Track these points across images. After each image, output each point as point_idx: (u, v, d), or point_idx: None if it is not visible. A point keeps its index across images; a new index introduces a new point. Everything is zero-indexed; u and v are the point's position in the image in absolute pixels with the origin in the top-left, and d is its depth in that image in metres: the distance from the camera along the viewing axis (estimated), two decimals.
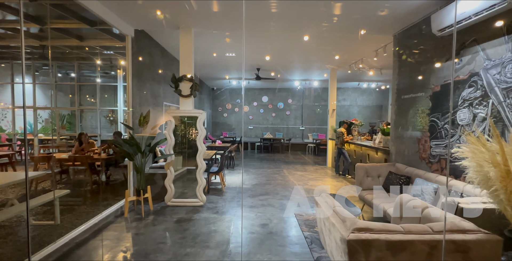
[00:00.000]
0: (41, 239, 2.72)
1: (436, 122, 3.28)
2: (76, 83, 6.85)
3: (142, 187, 3.60)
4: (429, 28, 3.23)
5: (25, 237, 2.77)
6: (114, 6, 3.32)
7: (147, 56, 4.65)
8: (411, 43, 3.83)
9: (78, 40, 5.07)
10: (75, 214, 3.40)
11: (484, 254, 1.39)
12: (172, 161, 3.92)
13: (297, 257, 2.47)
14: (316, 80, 9.60)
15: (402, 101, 4.02)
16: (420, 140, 3.56)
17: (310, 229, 3.08)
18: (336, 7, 3.28)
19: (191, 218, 3.41)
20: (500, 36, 2.44)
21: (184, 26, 3.98)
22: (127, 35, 3.92)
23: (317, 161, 8.26)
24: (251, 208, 3.83)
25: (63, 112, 8.45)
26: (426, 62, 3.48)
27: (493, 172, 1.40)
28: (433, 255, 1.39)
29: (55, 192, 3.00)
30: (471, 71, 2.76)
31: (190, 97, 4.04)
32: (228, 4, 3.25)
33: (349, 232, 1.45)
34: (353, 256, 1.41)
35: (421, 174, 3.20)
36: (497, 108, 2.46)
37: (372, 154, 5.04)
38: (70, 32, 4.78)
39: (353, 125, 6.73)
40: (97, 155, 4.81)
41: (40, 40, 5.28)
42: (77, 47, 5.67)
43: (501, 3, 2.28)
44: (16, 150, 5.86)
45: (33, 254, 2.28)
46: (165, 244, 2.70)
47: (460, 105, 2.89)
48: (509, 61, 2.36)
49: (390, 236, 1.43)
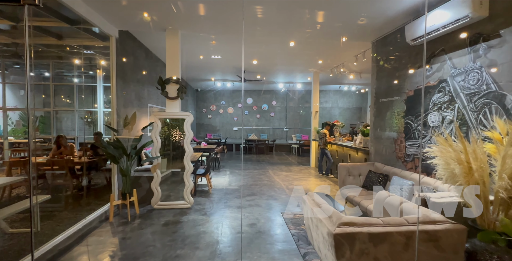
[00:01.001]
0: (20, 247, 2.61)
1: (410, 124, 3.55)
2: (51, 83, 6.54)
3: (128, 191, 3.54)
4: (404, 37, 3.50)
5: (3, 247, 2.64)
6: (98, 7, 3.26)
7: (131, 57, 4.58)
8: (387, 50, 4.11)
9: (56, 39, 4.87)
10: (55, 221, 3.27)
11: (452, 242, 1.58)
12: (159, 163, 3.89)
13: (285, 254, 2.57)
14: (300, 83, 9.87)
15: (380, 104, 4.29)
16: (396, 141, 3.82)
17: (296, 227, 3.21)
18: (319, 15, 3.46)
19: (179, 221, 3.40)
20: (464, 47, 2.73)
21: (170, 28, 3.98)
22: (111, 35, 3.84)
23: (301, 161, 8.48)
24: (239, 208, 3.90)
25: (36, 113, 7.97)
26: (401, 68, 3.76)
27: (458, 169, 1.59)
28: (409, 244, 1.55)
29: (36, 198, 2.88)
30: (440, 78, 3.04)
31: (177, 99, 4.03)
32: (215, 8, 3.31)
33: (335, 227, 1.58)
34: (339, 248, 1.54)
35: (398, 172, 3.45)
36: (462, 112, 2.74)
37: (353, 154, 5.30)
38: (48, 30, 4.59)
39: (335, 126, 7.01)
40: (77, 158, 4.63)
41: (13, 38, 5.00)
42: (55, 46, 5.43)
43: (464, 18, 2.55)
44: None
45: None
46: (154, 247, 2.69)
47: (431, 108, 3.16)
48: (471, 70, 2.64)
49: (371, 228, 1.57)
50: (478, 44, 2.56)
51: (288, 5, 3.17)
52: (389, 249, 1.54)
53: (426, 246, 1.54)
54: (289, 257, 2.50)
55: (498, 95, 2.36)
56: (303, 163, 8.14)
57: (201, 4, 3.21)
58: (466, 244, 1.69)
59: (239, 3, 3.13)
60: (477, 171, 1.61)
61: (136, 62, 4.84)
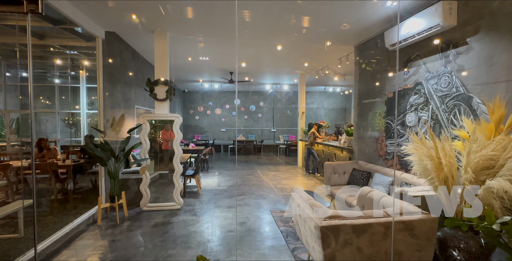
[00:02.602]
0: (4, 253, 2.54)
1: (390, 124, 3.78)
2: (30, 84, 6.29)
3: (116, 193, 3.51)
4: (383, 42, 3.73)
5: None
6: (85, 8, 3.23)
7: (117, 58, 4.53)
8: (369, 54, 4.34)
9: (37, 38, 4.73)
10: (40, 225, 3.18)
11: (425, 230, 1.74)
12: (148, 165, 3.88)
13: (274, 249, 2.67)
14: (287, 84, 10.07)
15: (363, 106, 4.51)
16: (378, 140, 4.04)
17: (285, 224, 3.32)
18: (305, 20, 3.61)
19: (170, 221, 3.42)
20: (436, 53, 2.96)
21: (159, 30, 3.99)
22: (97, 36, 3.80)
23: (288, 161, 8.65)
24: (228, 208, 3.96)
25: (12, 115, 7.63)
26: (381, 71, 3.99)
27: (430, 164, 1.76)
28: (387, 234, 1.70)
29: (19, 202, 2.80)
30: (416, 81, 3.27)
31: (165, 101, 4.04)
32: (203, 11, 3.37)
33: (322, 220, 1.70)
34: (326, 240, 1.66)
35: (379, 169, 3.65)
36: (436, 112, 2.97)
37: (338, 153, 5.52)
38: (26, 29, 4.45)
39: (321, 127, 7.24)
40: (60, 161, 4.51)
41: None
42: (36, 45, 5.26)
43: (436, 27, 2.78)
44: None
45: None
46: (146, 247, 2.71)
47: (408, 109, 3.39)
48: (443, 74, 2.87)
49: (354, 221, 1.70)
50: (449, 50, 2.79)
51: (274, 10, 3.29)
52: (370, 238, 1.67)
53: (402, 235, 1.69)
54: (278, 253, 2.60)
55: (466, 97, 2.60)
56: (290, 163, 8.31)
57: (190, 7, 3.26)
58: (438, 232, 1.86)
59: (227, 7, 3.21)
60: (446, 166, 1.79)
61: (123, 64, 4.79)
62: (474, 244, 1.69)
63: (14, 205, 2.84)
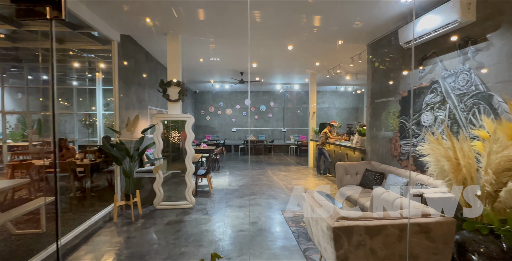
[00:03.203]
0: (28, 247, 2.68)
1: (405, 123, 3.68)
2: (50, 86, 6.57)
3: (131, 191, 3.61)
4: (397, 40, 3.63)
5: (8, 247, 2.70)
6: (102, 13, 3.34)
7: (132, 60, 4.66)
8: (382, 52, 4.24)
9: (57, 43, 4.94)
10: (61, 221, 3.33)
11: (442, 233, 1.69)
12: (161, 164, 3.97)
13: (286, 250, 2.67)
14: (297, 84, 10.00)
15: (376, 105, 4.42)
16: (392, 140, 3.95)
17: (296, 224, 3.31)
18: (316, 19, 3.58)
19: (182, 220, 3.49)
20: (454, 50, 2.86)
21: (171, 33, 4.07)
22: (113, 40, 3.92)
23: (299, 161, 8.59)
24: (239, 207, 3.99)
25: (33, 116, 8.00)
26: (395, 70, 3.89)
27: (447, 165, 1.70)
28: (402, 236, 1.66)
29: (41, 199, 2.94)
30: (432, 79, 3.17)
31: (178, 101, 4.12)
32: (214, 13, 3.41)
33: (334, 221, 1.68)
34: (338, 241, 1.64)
35: (393, 170, 3.57)
36: (453, 112, 2.87)
37: (350, 153, 5.43)
38: (48, 34, 4.65)
39: (333, 127, 7.14)
40: (78, 161, 4.69)
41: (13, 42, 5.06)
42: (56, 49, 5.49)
43: (454, 23, 2.68)
44: None
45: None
46: (159, 245, 2.77)
47: (424, 108, 3.29)
48: (461, 72, 2.77)
49: (368, 222, 1.68)
50: (467, 47, 2.69)
51: (285, 10, 3.28)
52: (384, 240, 1.64)
53: (418, 237, 1.65)
54: (290, 253, 2.60)
55: (486, 95, 2.49)
56: (301, 163, 8.25)
57: (201, 9, 3.31)
58: (456, 235, 1.80)
59: (238, 8, 3.24)
60: (464, 167, 1.72)
61: (137, 66, 4.92)
62: (495, 249, 1.62)
63: (37, 202, 2.99)
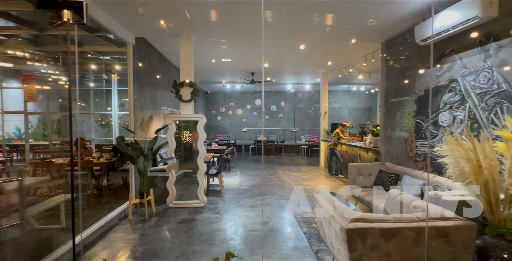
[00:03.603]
0: (49, 241, 2.80)
1: (421, 124, 3.57)
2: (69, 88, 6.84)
3: (145, 190, 3.70)
4: (413, 38, 3.53)
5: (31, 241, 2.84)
6: (117, 15, 3.45)
7: (146, 62, 4.77)
8: (397, 51, 4.13)
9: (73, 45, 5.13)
10: (79, 218, 3.46)
11: (462, 238, 1.62)
12: (173, 164, 4.04)
13: (297, 250, 2.65)
14: (308, 83, 9.91)
15: (390, 104, 4.31)
16: (407, 140, 3.84)
17: (308, 225, 3.28)
18: (328, 18, 3.54)
19: (194, 219, 3.54)
20: (474, 47, 2.74)
21: (184, 34, 4.14)
22: (128, 42, 4.04)
23: (310, 162, 8.51)
24: (251, 207, 4.00)
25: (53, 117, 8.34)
26: (411, 68, 3.78)
27: (467, 167, 1.64)
28: (419, 240, 1.61)
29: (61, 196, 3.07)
30: (450, 77, 3.06)
31: (190, 102, 4.19)
32: (226, 14, 3.44)
33: (348, 222, 1.66)
34: (352, 243, 1.61)
35: (409, 171, 3.47)
36: (474, 111, 2.75)
37: (363, 154, 5.32)
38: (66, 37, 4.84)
39: (345, 127, 7.03)
40: (95, 159, 4.86)
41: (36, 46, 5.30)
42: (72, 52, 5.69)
43: (474, 19, 2.58)
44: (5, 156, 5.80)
45: (46, 256, 2.36)
46: (172, 243, 2.83)
47: (442, 108, 3.17)
48: (482, 70, 2.65)
49: (383, 224, 1.64)
50: (489, 44, 2.58)
51: (297, 9, 3.26)
52: (400, 244, 1.60)
53: (436, 241, 1.59)
54: (302, 254, 2.58)
55: (509, 94, 2.37)
56: (312, 164, 8.17)
57: (213, 10, 3.35)
58: (477, 240, 1.73)
59: (250, 9, 3.25)
60: (486, 169, 1.65)
61: (151, 67, 5.04)
62: None
63: (57, 199, 3.12)
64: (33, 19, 4.00)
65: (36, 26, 4.13)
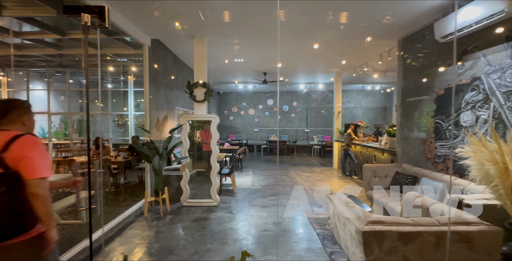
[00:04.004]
0: (71, 236, 2.93)
1: (441, 124, 3.43)
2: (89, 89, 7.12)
3: (160, 188, 3.79)
4: (432, 34, 3.40)
5: None
6: (134, 18, 3.55)
7: (161, 63, 4.89)
8: (415, 48, 3.99)
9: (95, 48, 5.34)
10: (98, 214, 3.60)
11: (486, 244, 1.55)
12: (187, 163, 4.11)
13: (311, 252, 2.62)
14: (321, 83, 9.78)
15: (407, 104, 4.17)
16: (426, 141, 3.70)
17: (321, 226, 3.24)
18: (343, 16, 3.48)
19: (208, 217, 3.59)
20: (500, 43, 2.60)
21: (198, 35, 4.21)
22: (144, 44, 4.15)
23: (323, 163, 8.39)
24: (263, 207, 4.00)
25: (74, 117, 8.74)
26: (430, 66, 3.64)
27: (493, 170, 1.56)
28: (439, 245, 1.55)
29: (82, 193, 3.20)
30: (473, 75, 2.92)
31: (204, 102, 4.24)
32: (239, 14, 3.46)
33: (364, 225, 1.62)
34: (368, 246, 1.58)
35: (427, 173, 3.34)
36: (499, 111, 2.61)
37: (378, 155, 5.18)
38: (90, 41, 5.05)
39: (359, 127, 6.87)
40: (113, 158, 5.03)
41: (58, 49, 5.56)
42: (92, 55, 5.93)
43: (500, 13, 2.44)
44: None
45: (67, 251, 2.47)
46: (186, 241, 2.88)
47: (464, 108, 3.03)
48: (508, 67, 2.51)
49: (401, 228, 1.59)
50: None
51: (310, 8, 3.23)
52: (419, 248, 1.55)
53: (458, 247, 1.53)
54: (315, 255, 2.55)
55: None
56: (325, 164, 8.05)
57: (227, 11, 3.38)
58: (503, 247, 1.64)
59: (263, 9, 3.25)
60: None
61: (165, 68, 5.15)
62: None
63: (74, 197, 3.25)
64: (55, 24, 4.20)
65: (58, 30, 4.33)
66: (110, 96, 7.51)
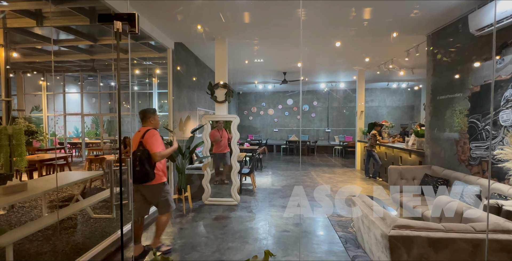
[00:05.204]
0: (103, 229, 3.13)
1: (476, 123, 3.18)
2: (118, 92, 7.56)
3: (183, 186, 3.92)
4: (466, 28, 3.17)
5: (88, 228, 3.20)
6: (159, 23, 3.71)
7: (184, 65, 5.05)
8: (446, 43, 3.74)
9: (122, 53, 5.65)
10: (126, 210, 3.80)
11: None
12: (209, 162, 4.21)
13: (332, 255, 2.56)
14: (343, 81, 9.51)
15: (438, 102, 3.92)
16: (459, 142, 3.45)
17: (343, 229, 3.15)
18: (366, 12, 3.35)
19: (228, 216, 3.64)
20: None
21: (219, 37, 4.29)
22: (168, 47, 4.31)
23: (345, 164, 8.15)
24: (283, 208, 3.98)
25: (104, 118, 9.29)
26: (463, 62, 3.40)
27: None
28: (476, 253, 1.44)
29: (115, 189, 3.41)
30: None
31: (225, 103, 4.32)
32: (259, 15, 3.47)
33: (390, 229, 1.55)
34: (395, 251, 1.51)
35: (461, 176, 3.12)
36: None
37: (405, 156, 4.93)
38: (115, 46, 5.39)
39: (383, 127, 6.59)
40: None
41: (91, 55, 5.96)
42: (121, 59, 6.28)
43: None
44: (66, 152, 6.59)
45: (98, 243, 2.64)
46: (208, 238, 2.95)
47: (503, 106, 2.79)
48: None
49: (431, 233, 1.50)
50: None
51: (332, 6, 3.15)
52: (453, 256, 1.45)
53: (497, 256, 1.41)
54: (337, 258, 2.49)
55: None
56: (347, 165, 7.82)
57: (247, 12, 3.41)
58: None
59: (283, 8, 3.23)
60: None
61: (188, 70, 5.31)
62: None
63: (108, 192, 3.46)
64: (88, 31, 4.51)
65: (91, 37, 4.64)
66: (136, 98, 7.90)
